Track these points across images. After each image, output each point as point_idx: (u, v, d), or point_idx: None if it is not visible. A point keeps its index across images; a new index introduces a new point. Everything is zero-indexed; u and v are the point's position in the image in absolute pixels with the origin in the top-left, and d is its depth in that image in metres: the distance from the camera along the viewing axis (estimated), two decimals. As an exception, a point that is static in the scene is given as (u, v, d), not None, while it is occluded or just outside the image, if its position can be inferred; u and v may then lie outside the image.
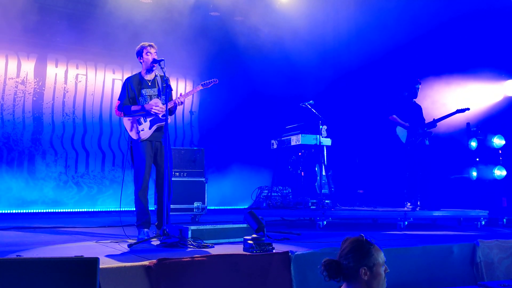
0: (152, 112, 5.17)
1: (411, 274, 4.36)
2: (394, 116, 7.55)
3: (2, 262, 2.26)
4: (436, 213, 7.07)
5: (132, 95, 5.31)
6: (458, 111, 7.36)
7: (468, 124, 8.52)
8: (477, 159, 8.47)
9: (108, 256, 3.83)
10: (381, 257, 2.64)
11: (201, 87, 5.38)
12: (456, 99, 8.11)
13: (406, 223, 6.54)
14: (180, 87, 11.55)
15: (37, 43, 9.82)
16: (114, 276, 3.13)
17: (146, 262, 3.32)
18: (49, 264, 2.31)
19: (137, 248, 4.37)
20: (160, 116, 5.20)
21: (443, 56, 9.04)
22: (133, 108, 5.24)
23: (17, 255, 3.84)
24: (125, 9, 9.77)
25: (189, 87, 11.64)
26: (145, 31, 9.41)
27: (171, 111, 5.38)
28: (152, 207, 5.56)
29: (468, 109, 7.39)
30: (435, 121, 7.44)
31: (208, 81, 5.34)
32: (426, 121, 7.54)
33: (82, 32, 9.89)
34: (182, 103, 5.30)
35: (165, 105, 5.14)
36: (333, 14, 10.60)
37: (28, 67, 9.99)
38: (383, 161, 9.42)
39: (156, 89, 5.31)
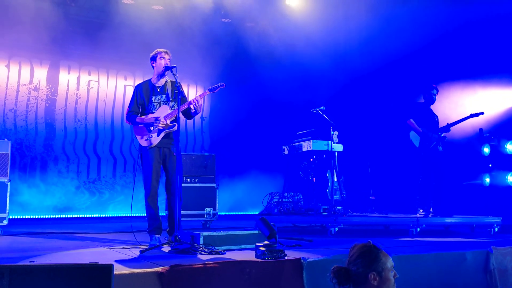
0: (155, 127, 5.20)
1: (423, 282, 4.33)
2: (412, 120, 7.49)
3: (17, 269, 2.28)
4: (449, 220, 7.01)
5: (141, 102, 5.35)
6: (472, 115, 7.28)
7: (481, 130, 8.45)
8: (490, 165, 8.40)
9: (120, 261, 3.84)
10: (389, 262, 2.64)
11: (208, 92, 5.36)
12: (470, 105, 8.04)
13: (419, 229, 6.49)
14: (191, 93, 11.58)
15: (50, 50, 9.90)
16: (126, 282, 3.14)
17: (158, 269, 3.33)
18: (64, 271, 2.32)
19: (149, 254, 4.37)
20: (168, 122, 5.22)
21: (457, 61, 8.97)
22: (138, 119, 5.30)
23: (31, 261, 3.87)
24: (137, 16, 9.85)
25: (200, 93, 11.66)
26: (157, 38, 9.46)
27: (190, 115, 5.37)
28: (163, 213, 5.57)
29: (482, 113, 7.30)
30: (448, 126, 7.37)
31: (215, 85, 5.31)
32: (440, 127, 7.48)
33: (95, 39, 9.96)
34: (198, 105, 5.21)
35: (169, 116, 5.18)
36: (345, 18, 10.58)
37: (41, 73, 10.09)
38: (395, 167, 9.37)
39: (165, 96, 5.33)
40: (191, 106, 5.18)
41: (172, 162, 5.24)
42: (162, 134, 5.21)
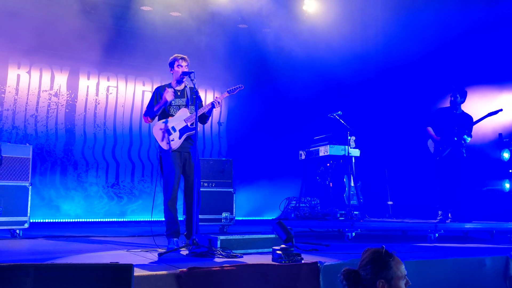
0: (168, 99, 5.20)
1: (442, 287, 4.29)
2: (429, 128, 7.42)
3: (42, 268, 2.33)
4: (468, 225, 6.93)
5: None
6: (490, 114, 7.12)
7: (500, 134, 8.35)
8: (510, 171, 8.29)
9: (139, 264, 3.89)
10: (401, 270, 2.55)
11: (227, 94, 5.39)
12: (489, 109, 7.93)
13: (437, 235, 6.43)
14: (209, 99, 11.66)
15: (70, 56, 10.08)
16: (145, 283, 3.18)
17: (176, 271, 3.36)
18: (85, 270, 2.37)
19: (167, 257, 4.41)
20: (189, 125, 5.26)
21: (475, 65, 8.89)
22: (155, 108, 5.32)
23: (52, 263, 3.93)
24: (155, 22, 9.98)
25: (217, 95, 11.75)
26: (175, 43, 9.58)
27: (204, 119, 5.45)
28: (181, 217, 5.62)
29: (501, 110, 7.14)
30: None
31: (233, 87, 5.34)
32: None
33: (114, 45, 10.11)
34: (219, 103, 5.28)
35: (193, 113, 5.21)
36: (362, 23, 10.57)
37: (61, 79, 10.26)
38: (413, 172, 9.30)
39: (184, 99, 5.37)
40: (215, 105, 5.20)
41: (191, 166, 5.27)
42: (184, 137, 5.25)
